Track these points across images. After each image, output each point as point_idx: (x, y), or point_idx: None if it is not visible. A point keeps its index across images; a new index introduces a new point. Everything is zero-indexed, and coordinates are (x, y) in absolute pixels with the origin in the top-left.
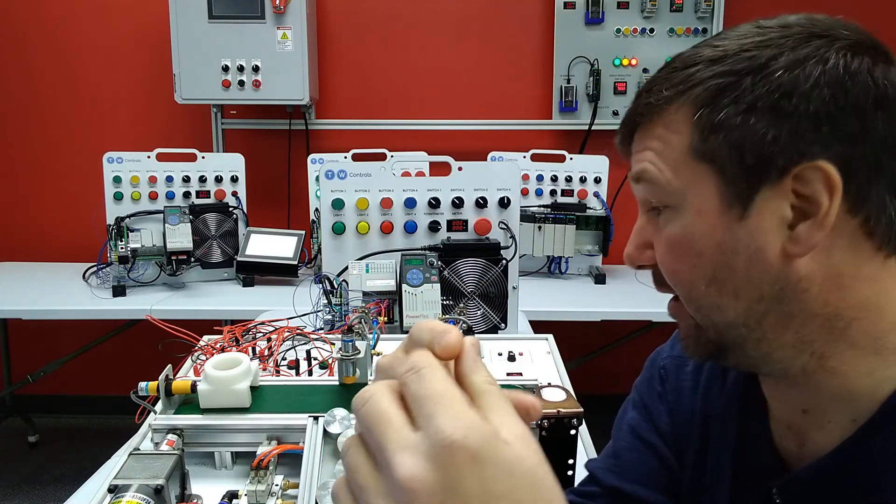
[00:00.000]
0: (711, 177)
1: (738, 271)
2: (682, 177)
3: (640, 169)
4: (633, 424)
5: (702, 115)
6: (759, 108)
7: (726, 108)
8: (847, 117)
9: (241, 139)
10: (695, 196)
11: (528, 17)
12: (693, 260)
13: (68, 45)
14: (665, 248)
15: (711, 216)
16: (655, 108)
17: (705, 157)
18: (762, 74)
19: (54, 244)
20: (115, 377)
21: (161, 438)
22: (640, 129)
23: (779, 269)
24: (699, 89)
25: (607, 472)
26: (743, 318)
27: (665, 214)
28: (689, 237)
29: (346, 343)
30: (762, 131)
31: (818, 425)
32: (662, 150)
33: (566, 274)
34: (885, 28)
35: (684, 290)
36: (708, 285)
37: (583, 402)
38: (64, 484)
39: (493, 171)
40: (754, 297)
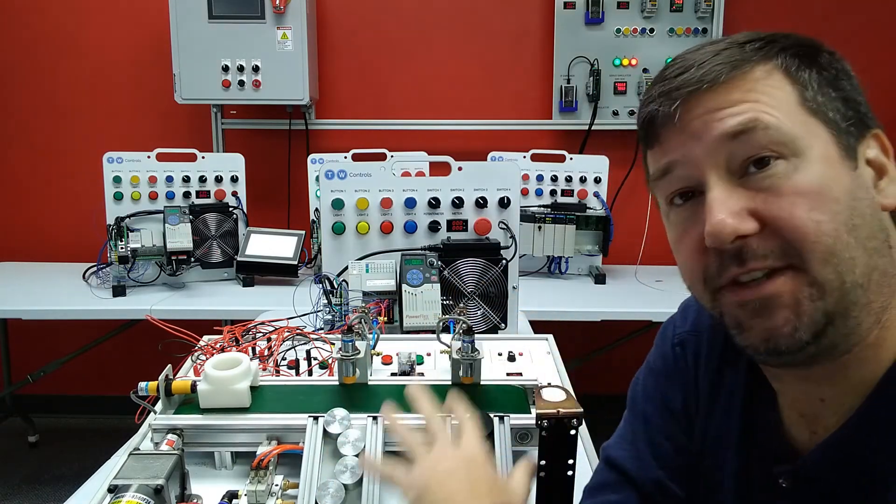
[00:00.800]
0: (823, 129)
1: (867, 218)
2: (799, 126)
3: (751, 118)
4: (649, 414)
5: (801, 75)
6: (842, 77)
7: (824, 71)
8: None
9: (241, 139)
10: (816, 145)
11: (528, 17)
12: (833, 206)
13: (68, 45)
14: (798, 199)
15: (836, 164)
16: (739, 65)
17: (814, 112)
18: (828, 51)
19: (54, 244)
20: (115, 377)
21: (161, 438)
22: (708, 91)
23: (883, 219)
24: (783, 55)
25: (631, 460)
26: (863, 276)
27: (781, 166)
28: (825, 184)
29: (346, 343)
30: (854, 97)
31: (833, 412)
32: (772, 102)
33: (566, 274)
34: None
35: (827, 242)
36: (848, 233)
37: (583, 402)
38: (64, 484)
39: (493, 171)
40: (872, 249)
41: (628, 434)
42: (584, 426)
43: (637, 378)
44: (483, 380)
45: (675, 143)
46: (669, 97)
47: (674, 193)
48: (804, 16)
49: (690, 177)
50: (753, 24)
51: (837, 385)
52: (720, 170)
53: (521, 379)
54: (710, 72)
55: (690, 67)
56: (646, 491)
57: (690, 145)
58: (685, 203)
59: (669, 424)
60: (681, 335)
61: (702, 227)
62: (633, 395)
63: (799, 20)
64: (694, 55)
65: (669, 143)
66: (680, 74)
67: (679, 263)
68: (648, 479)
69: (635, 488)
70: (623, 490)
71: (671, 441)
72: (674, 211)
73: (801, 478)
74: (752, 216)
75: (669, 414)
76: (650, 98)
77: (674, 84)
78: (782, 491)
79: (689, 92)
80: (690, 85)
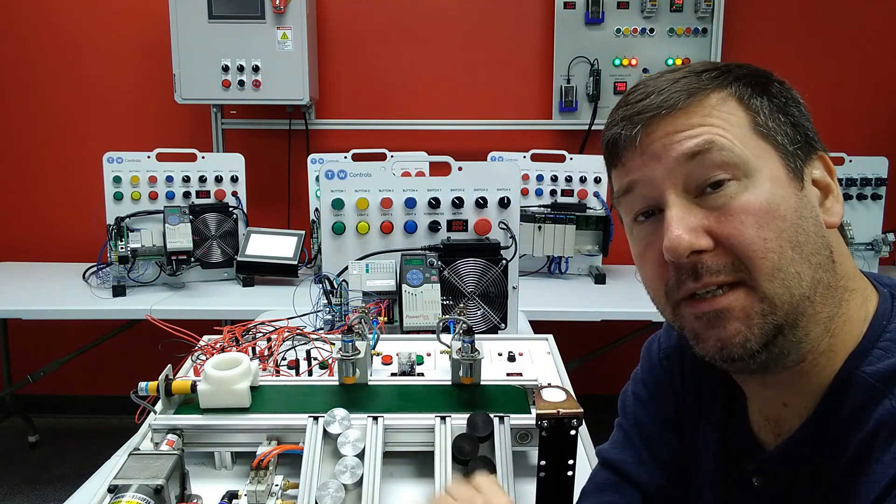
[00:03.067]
0: (773, 152)
1: (811, 235)
2: (751, 149)
3: (706, 140)
4: (644, 423)
5: (753, 102)
6: (791, 104)
7: (775, 98)
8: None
9: (241, 139)
10: (766, 166)
11: (528, 17)
12: (779, 224)
13: (68, 45)
14: (747, 217)
15: (784, 184)
16: (696, 92)
17: (766, 134)
18: (778, 81)
19: (54, 244)
20: (115, 377)
21: (161, 438)
22: (667, 116)
23: (826, 236)
24: (737, 84)
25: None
26: (809, 289)
27: (733, 187)
28: (773, 203)
29: (346, 343)
30: (802, 122)
31: (796, 415)
32: (725, 125)
33: (566, 274)
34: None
35: (773, 258)
36: (794, 249)
37: (583, 402)
38: (64, 484)
39: (493, 171)
40: (817, 264)
41: (624, 439)
42: (584, 426)
43: (626, 390)
44: (483, 380)
45: (637, 163)
46: (631, 121)
47: (637, 212)
48: (804, 16)
49: (651, 196)
50: (753, 24)
51: (798, 390)
52: (678, 189)
53: (521, 379)
54: (669, 98)
55: (651, 94)
56: (649, 492)
57: (651, 166)
58: (647, 220)
59: (664, 432)
60: (666, 350)
61: (661, 243)
62: (623, 405)
63: (798, 20)
64: (655, 82)
65: (632, 164)
66: (641, 100)
67: (643, 278)
68: (651, 481)
69: (638, 490)
70: (626, 491)
71: (667, 448)
72: (636, 227)
73: (770, 476)
74: (707, 233)
75: (663, 423)
76: (613, 122)
77: (635, 109)
78: (756, 490)
79: (650, 117)
80: (651, 110)
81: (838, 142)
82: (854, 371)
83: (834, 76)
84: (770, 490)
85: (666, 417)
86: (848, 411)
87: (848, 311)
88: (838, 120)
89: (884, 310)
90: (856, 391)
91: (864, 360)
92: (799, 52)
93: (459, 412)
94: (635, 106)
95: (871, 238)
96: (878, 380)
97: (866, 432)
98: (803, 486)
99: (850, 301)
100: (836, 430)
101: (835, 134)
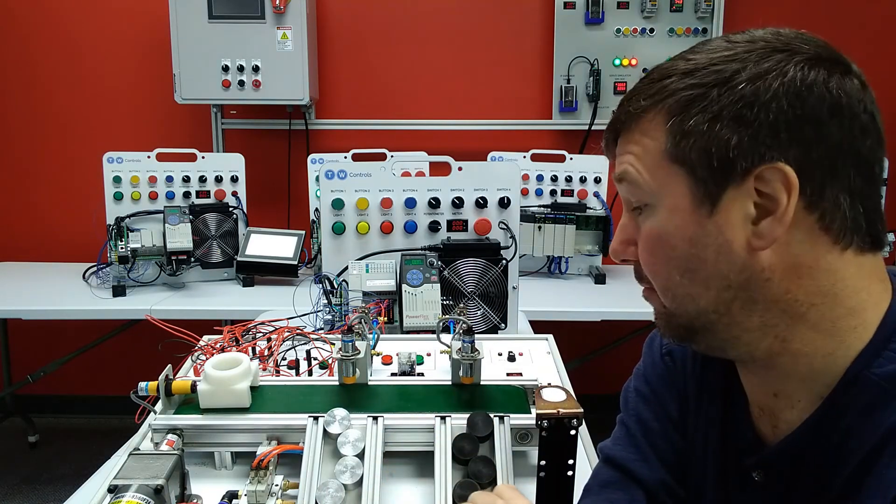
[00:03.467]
0: (684, 178)
1: (709, 262)
2: (658, 178)
3: (622, 171)
4: (647, 419)
5: (674, 123)
6: (724, 116)
7: (696, 117)
8: (803, 125)
9: (241, 139)
10: (669, 195)
11: (528, 17)
12: (668, 253)
13: (68, 45)
14: (643, 243)
15: (684, 213)
16: (634, 115)
17: (678, 160)
18: (727, 86)
19: (54, 244)
20: (115, 377)
21: (161, 438)
22: (623, 134)
23: (744, 260)
24: (672, 100)
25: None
26: (713, 306)
27: (644, 213)
28: (664, 232)
29: (346, 343)
30: (726, 137)
31: (788, 405)
32: (641, 153)
33: (566, 274)
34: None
35: (661, 281)
36: (682, 276)
37: (583, 402)
38: (64, 484)
39: (493, 171)
40: (722, 286)
41: (627, 436)
42: (584, 426)
43: (628, 386)
44: (483, 380)
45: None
46: (605, 133)
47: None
48: (803, 16)
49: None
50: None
51: (784, 383)
52: (626, 203)
53: (521, 379)
54: (621, 117)
55: (624, 102)
56: (652, 490)
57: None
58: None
59: (668, 429)
60: (668, 346)
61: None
62: (625, 401)
63: (798, 20)
64: (639, 85)
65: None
66: (620, 104)
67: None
68: (655, 478)
69: (641, 487)
70: (629, 488)
71: (670, 444)
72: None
73: (770, 470)
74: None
75: (667, 419)
76: (611, 119)
77: (614, 114)
78: (755, 484)
79: (612, 134)
80: (612, 126)
81: None
82: (862, 372)
83: None
84: (770, 487)
85: (668, 413)
86: (855, 413)
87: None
88: None
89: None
90: (863, 393)
91: (875, 361)
92: None
93: (459, 412)
94: (616, 110)
95: None
96: (888, 381)
97: (877, 437)
98: (805, 486)
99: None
100: (841, 430)
101: None
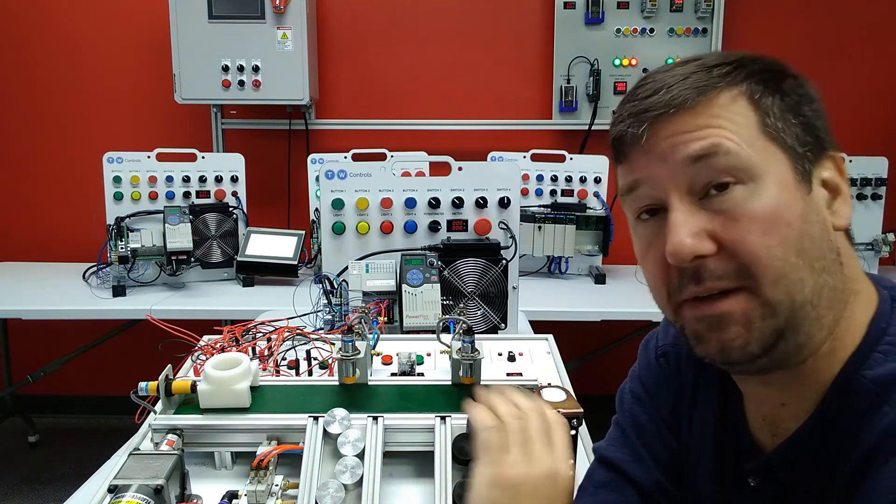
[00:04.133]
0: (781, 155)
1: (816, 240)
2: (758, 152)
3: (713, 143)
4: (642, 420)
5: (764, 101)
6: (804, 102)
7: (786, 98)
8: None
9: (241, 139)
10: (773, 169)
11: (528, 17)
12: (784, 230)
13: (68, 45)
14: (752, 223)
15: (791, 189)
16: (703, 95)
17: (775, 136)
18: (793, 76)
19: (54, 244)
20: (115, 377)
21: (161, 438)
22: (675, 115)
23: (833, 239)
24: (749, 81)
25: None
26: (811, 295)
27: (739, 191)
28: (780, 208)
29: (346, 343)
30: (814, 121)
31: (793, 415)
32: (733, 127)
33: (566, 274)
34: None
35: (777, 265)
36: (797, 256)
37: (583, 402)
38: (64, 484)
39: (493, 171)
40: (821, 268)
41: (622, 437)
42: (584, 426)
43: (623, 387)
44: (483, 380)
45: (642, 162)
46: (639, 118)
47: (640, 209)
48: (804, 16)
49: (655, 196)
50: (753, 24)
51: (796, 391)
52: (682, 191)
53: (521, 379)
54: (678, 96)
55: (660, 90)
56: (647, 491)
57: (656, 166)
58: (651, 218)
59: (662, 430)
60: (663, 348)
61: (664, 243)
62: (620, 402)
63: (798, 20)
64: (664, 76)
65: (637, 163)
66: (650, 96)
67: (645, 275)
68: (649, 479)
69: (636, 488)
70: (623, 489)
71: (665, 445)
72: (640, 225)
73: (767, 476)
74: (711, 238)
75: (661, 420)
76: (620, 117)
77: (643, 105)
78: (752, 490)
79: (657, 115)
80: (658, 108)
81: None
82: (854, 375)
83: (834, 76)
84: (768, 492)
85: (663, 415)
86: (848, 416)
87: (852, 313)
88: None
89: (883, 312)
90: (856, 396)
91: (865, 363)
92: (799, 52)
93: (459, 412)
94: (643, 102)
95: (871, 238)
96: (879, 385)
97: (869, 442)
98: (801, 489)
99: (854, 304)
100: (835, 434)
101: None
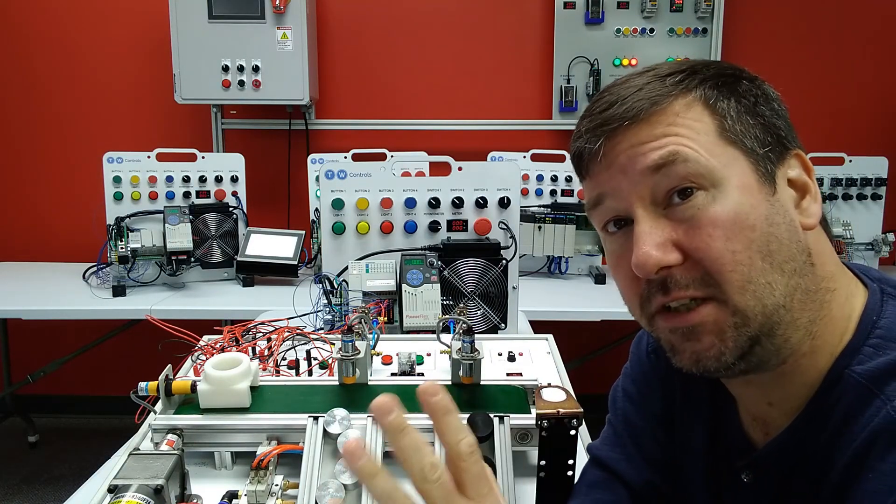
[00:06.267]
0: (742, 158)
1: (783, 242)
2: (718, 157)
3: (671, 151)
4: (634, 419)
5: (720, 106)
6: (761, 103)
7: (742, 100)
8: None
9: (241, 139)
10: (734, 174)
11: (528, 17)
12: (749, 235)
13: (68, 45)
14: (715, 230)
15: (753, 191)
16: (657, 105)
17: (734, 140)
18: (748, 78)
19: (54, 244)
20: (115, 377)
21: (161, 438)
22: (631, 126)
23: (802, 240)
24: (703, 87)
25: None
26: (783, 298)
27: (701, 197)
28: (742, 212)
29: (346, 343)
30: (774, 121)
31: (782, 413)
32: (690, 134)
33: (566, 274)
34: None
35: (743, 270)
36: (764, 259)
37: (583, 402)
38: (64, 484)
39: (493, 171)
40: (791, 270)
41: (614, 437)
42: (584, 426)
43: (616, 386)
44: (483, 380)
45: (604, 177)
46: (595, 133)
47: (607, 222)
48: (804, 16)
49: (619, 208)
50: (753, 24)
51: (781, 390)
52: (645, 201)
53: (521, 379)
54: (632, 108)
55: (615, 103)
56: (638, 490)
57: (617, 179)
58: (618, 231)
59: (654, 429)
60: (653, 344)
61: (632, 255)
62: (613, 401)
63: (799, 20)
64: (619, 89)
65: (599, 177)
66: (605, 110)
67: (618, 287)
68: (640, 479)
69: (627, 488)
70: (615, 489)
71: (657, 444)
72: (609, 238)
73: (760, 472)
74: (676, 247)
75: (654, 418)
76: (579, 133)
77: (599, 120)
78: (745, 486)
79: (614, 129)
80: (614, 121)
81: (838, 142)
82: (844, 370)
83: (834, 76)
84: (761, 488)
85: (655, 413)
86: (839, 412)
87: (830, 311)
88: (838, 120)
89: (873, 305)
90: (846, 391)
91: (855, 358)
92: (799, 51)
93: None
94: (599, 117)
95: (871, 238)
96: (869, 379)
97: (862, 438)
98: (796, 486)
99: (831, 301)
100: (827, 430)
101: (835, 134)
